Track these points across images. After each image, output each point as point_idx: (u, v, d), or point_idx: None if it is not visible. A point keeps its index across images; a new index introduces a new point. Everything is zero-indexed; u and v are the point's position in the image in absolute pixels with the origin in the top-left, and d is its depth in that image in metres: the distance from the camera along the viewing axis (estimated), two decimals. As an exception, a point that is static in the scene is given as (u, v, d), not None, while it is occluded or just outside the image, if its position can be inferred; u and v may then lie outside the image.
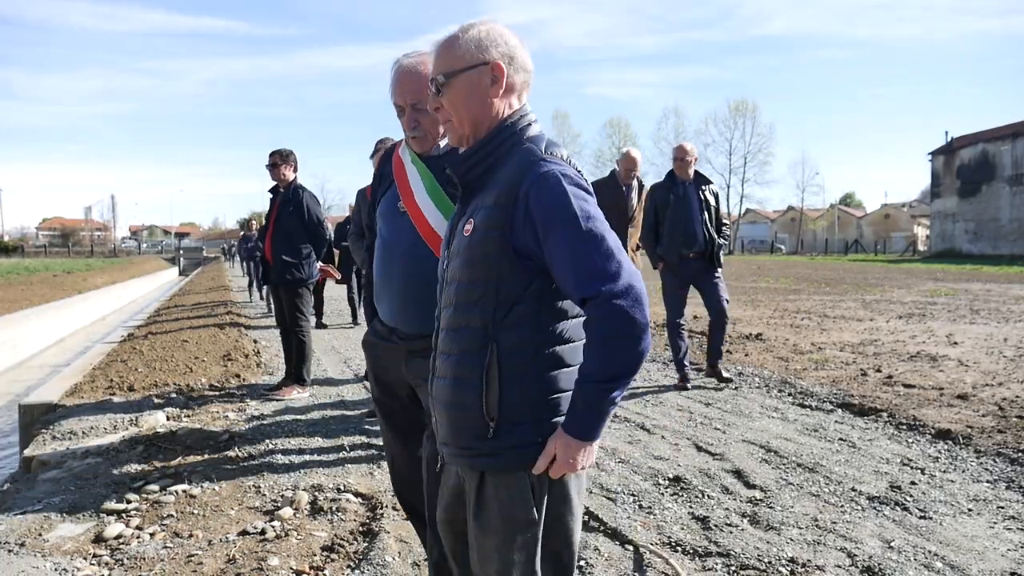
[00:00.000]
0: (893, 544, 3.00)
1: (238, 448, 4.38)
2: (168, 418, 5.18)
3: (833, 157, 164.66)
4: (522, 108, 1.63)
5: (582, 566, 2.83)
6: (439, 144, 2.25)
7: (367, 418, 5.08)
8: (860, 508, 3.40)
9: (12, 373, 11.90)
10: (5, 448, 7.13)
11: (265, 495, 3.62)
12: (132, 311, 20.17)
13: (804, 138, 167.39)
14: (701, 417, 5.10)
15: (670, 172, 6.20)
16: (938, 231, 47.32)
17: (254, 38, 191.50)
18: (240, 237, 20.57)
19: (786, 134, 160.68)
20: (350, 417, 5.17)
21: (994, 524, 3.22)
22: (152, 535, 3.16)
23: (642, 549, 2.96)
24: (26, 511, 3.46)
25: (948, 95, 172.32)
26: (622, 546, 3.01)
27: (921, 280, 20.16)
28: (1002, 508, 3.41)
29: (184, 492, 3.65)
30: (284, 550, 2.97)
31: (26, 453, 4.57)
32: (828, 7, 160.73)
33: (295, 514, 3.35)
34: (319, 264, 6.18)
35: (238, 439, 4.57)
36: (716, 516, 3.29)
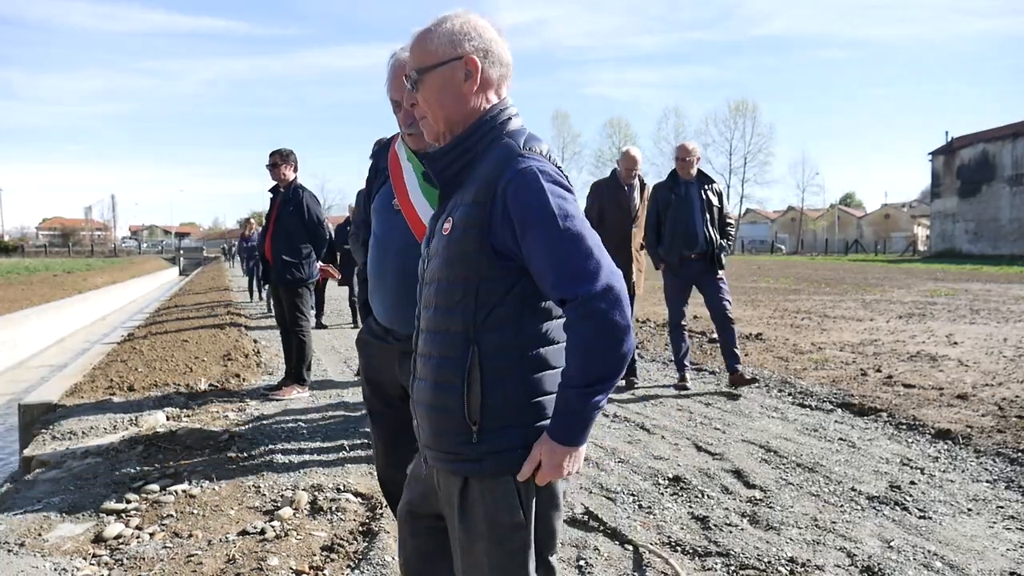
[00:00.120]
0: (893, 544, 3.00)
1: (238, 448, 4.38)
2: (168, 418, 5.18)
3: (833, 157, 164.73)
4: (501, 102, 1.57)
5: (581, 566, 2.83)
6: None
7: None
8: (860, 508, 3.40)
9: (12, 373, 11.90)
10: (5, 448, 7.13)
11: (265, 495, 3.62)
12: (132, 311, 20.17)
13: (804, 138, 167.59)
14: (701, 417, 5.10)
15: (672, 172, 6.13)
16: (938, 231, 47.32)
17: (254, 38, 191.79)
18: (240, 237, 20.55)
19: (786, 134, 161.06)
20: (350, 417, 5.17)
21: (993, 524, 3.22)
22: (152, 535, 3.16)
23: (642, 549, 2.96)
24: (26, 511, 3.46)
25: (948, 95, 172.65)
26: (622, 546, 3.01)
27: (921, 280, 20.16)
28: (1001, 508, 3.41)
29: (184, 492, 3.65)
30: (284, 550, 2.97)
31: (26, 453, 4.57)
32: (828, 7, 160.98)
33: (295, 514, 3.35)
34: (319, 264, 6.19)
35: (238, 439, 4.57)
36: (716, 516, 3.29)
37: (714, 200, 6.00)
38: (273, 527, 3.19)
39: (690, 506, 3.43)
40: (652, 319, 10.63)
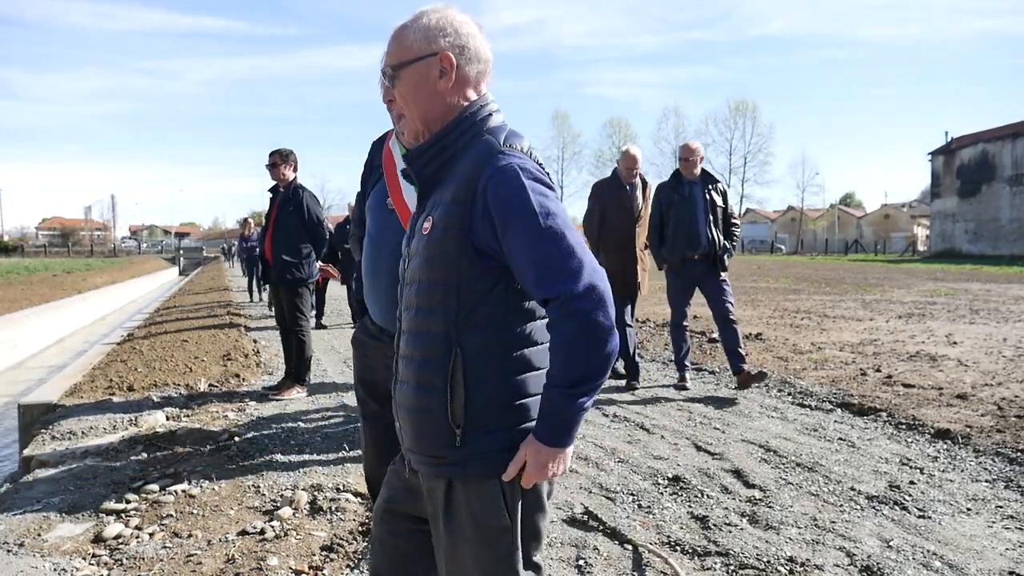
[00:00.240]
0: (892, 543, 3.00)
1: (237, 448, 4.38)
2: (168, 418, 5.18)
3: (833, 157, 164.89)
4: (481, 99, 1.54)
5: (581, 565, 2.83)
6: None
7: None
8: (859, 507, 3.41)
9: (12, 373, 11.90)
10: (4, 448, 7.13)
11: (264, 495, 3.62)
12: (132, 311, 20.16)
13: (804, 138, 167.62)
14: (700, 417, 5.10)
15: (676, 171, 6.05)
16: (938, 231, 47.33)
17: (254, 38, 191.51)
18: (239, 237, 20.53)
19: (786, 134, 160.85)
20: (350, 417, 5.17)
21: (993, 523, 3.22)
22: (151, 535, 3.16)
23: (641, 548, 2.97)
24: (25, 511, 3.46)
25: (948, 95, 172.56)
26: (621, 545, 3.01)
27: (921, 280, 20.16)
28: (1001, 507, 3.41)
29: (183, 492, 3.65)
30: (283, 550, 2.98)
31: (25, 453, 4.57)
32: (828, 7, 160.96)
33: (294, 514, 3.35)
34: (319, 264, 6.19)
35: (237, 439, 4.57)
36: (715, 515, 3.29)
37: (718, 200, 5.90)
38: (273, 527, 3.19)
39: (689, 506, 3.44)
40: (652, 319, 10.63)
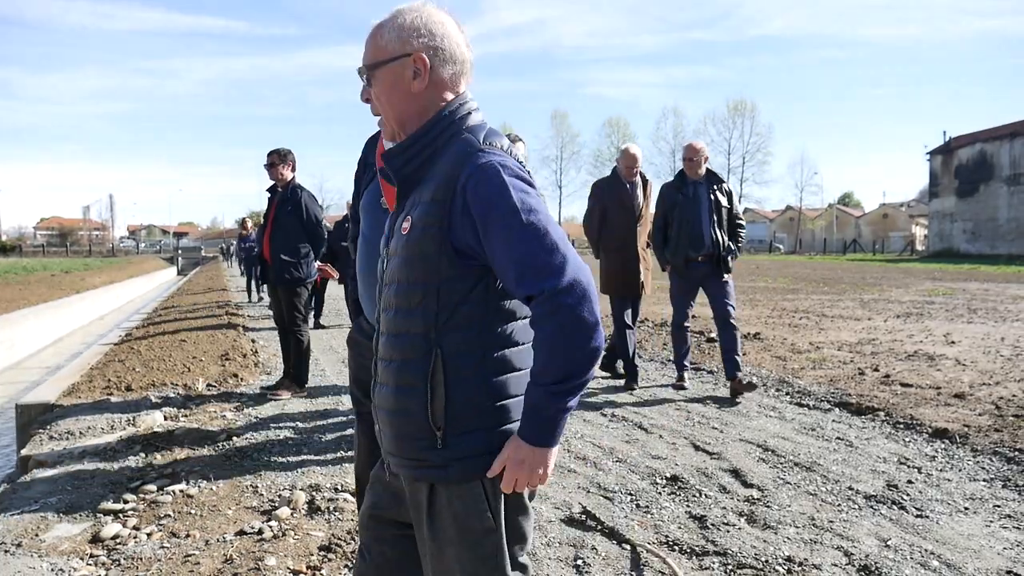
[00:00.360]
0: (890, 543, 3.00)
1: (235, 448, 4.38)
2: (165, 418, 5.17)
3: (832, 157, 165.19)
4: (459, 97, 1.51)
5: (579, 565, 2.83)
6: None
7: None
8: (857, 507, 3.41)
9: (9, 373, 11.88)
10: (2, 448, 7.12)
11: (262, 495, 3.62)
12: (130, 311, 20.14)
13: (803, 138, 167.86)
14: (699, 416, 5.10)
15: (680, 171, 5.98)
16: (936, 231, 47.39)
17: (254, 38, 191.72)
18: (238, 237, 20.50)
19: (785, 134, 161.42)
20: (348, 417, 5.16)
21: (990, 523, 3.23)
22: (149, 535, 3.16)
23: (639, 548, 2.97)
24: (23, 511, 3.46)
25: (947, 95, 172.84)
26: (619, 545, 3.01)
27: (919, 280, 20.18)
28: (998, 507, 3.41)
29: (181, 492, 3.64)
30: (281, 550, 2.97)
31: (23, 453, 4.57)
32: (828, 7, 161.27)
33: (292, 514, 3.35)
34: (317, 263, 6.18)
35: (236, 439, 4.57)
36: (713, 515, 3.29)
37: (723, 201, 5.82)
38: (271, 527, 3.19)
39: (688, 505, 3.44)
40: (650, 319, 10.63)
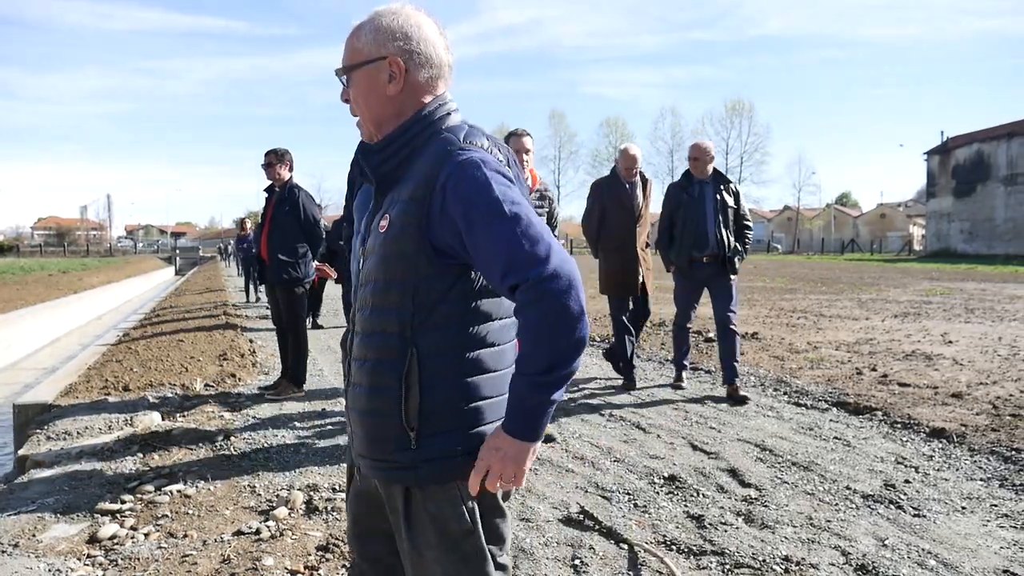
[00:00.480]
0: (887, 542, 3.01)
1: (233, 448, 4.38)
2: (163, 418, 5.17)
3: (830, 156, 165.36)
4: (438, 98, 1.51)
5: (577, 565, 2.83)
6: None
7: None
8: (854, 506, 3.41)
9: (7, 373, 11.86)
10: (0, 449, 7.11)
11: (260, 495, 3.62)
12: (128, 311, 20.11)
13: (802, 137, 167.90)
14: (696, 416, 5.10)
15: (686, 171, 5.94)
16: (933, 231, 47.46)
17: (253, 38, 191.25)
18: (236, 237, 20.49)
19: (784, 133, 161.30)
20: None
21: (987, 522, 3.23)
22: (146, 535, 3.16)
23: (637, 548, 2.97)
24: (20, 511, 3.45)
25: (945, 95, 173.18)
26: (617, 545, 3.01)
27: (916, 279, 20.21)
28: (995, 506, 3.42)
29: (179, 492, 3.64)
30: (279, 550, 2.97)
31: (20, 453, 4.56)
32: (828, 7, 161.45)
33: (290, 514, 3.35)
34: (315, 263, 6.18)
35: (233, 439, 4.56)
36: (711, 515, 3.30)
37: (729, 201, 5.76)
38: (268, 527, 3.19)
39: (685, 505, 3.44)
40: (650, 319, 10.62)
